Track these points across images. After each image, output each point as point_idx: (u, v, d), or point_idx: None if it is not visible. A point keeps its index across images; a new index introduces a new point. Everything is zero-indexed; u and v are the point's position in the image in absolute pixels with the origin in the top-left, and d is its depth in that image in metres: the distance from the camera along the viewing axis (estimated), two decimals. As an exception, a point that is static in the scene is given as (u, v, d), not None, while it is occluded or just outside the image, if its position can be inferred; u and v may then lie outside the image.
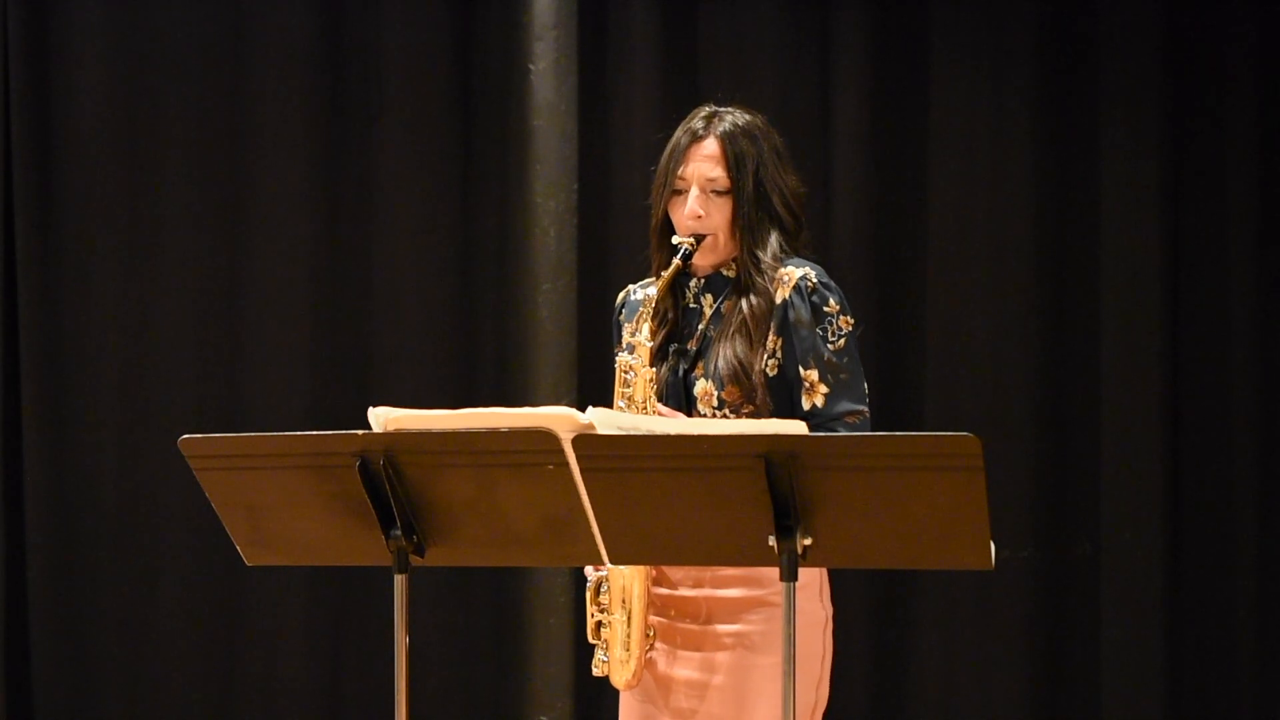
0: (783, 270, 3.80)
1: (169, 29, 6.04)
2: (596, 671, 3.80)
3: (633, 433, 3.32)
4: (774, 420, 3.56)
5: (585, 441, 3.23)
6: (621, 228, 6.08)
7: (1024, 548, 6.14)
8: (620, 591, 3.74)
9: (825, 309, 3.77)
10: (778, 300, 3.78)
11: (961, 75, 6.16)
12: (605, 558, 3.32)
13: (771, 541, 3.23)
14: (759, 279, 3.79)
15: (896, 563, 3.34)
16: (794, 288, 3.77)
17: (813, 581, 3.74)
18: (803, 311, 3.76)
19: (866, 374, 3.87)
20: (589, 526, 3.28)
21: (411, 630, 3.45)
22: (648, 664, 3.78)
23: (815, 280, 3.78)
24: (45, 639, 6.01)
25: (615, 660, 3.77)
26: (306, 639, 6.07)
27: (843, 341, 3.77)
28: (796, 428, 3.25)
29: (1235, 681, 6.16)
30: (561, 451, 3.23)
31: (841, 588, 6.06)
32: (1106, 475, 6.13)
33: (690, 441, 3.25)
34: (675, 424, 3.62)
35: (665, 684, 3.78)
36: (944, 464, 3.13)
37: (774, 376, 3.77)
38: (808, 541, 3.23)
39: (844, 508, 3.20)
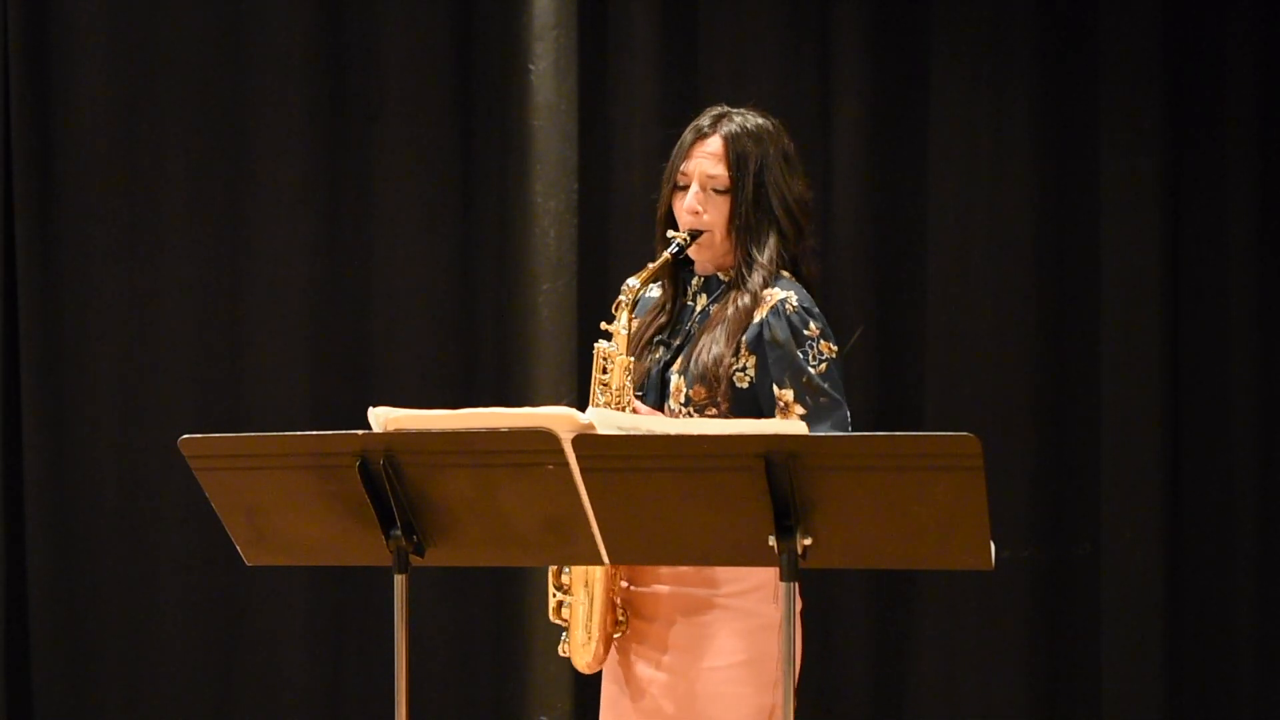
0: (767, 290, 3.80)
1: (169, 29, 6.04)
2: (561, 652, 3.83)
3: (633, 433, 3.32)
4: (774, 420, 3.56)
5: (585, 441, 3.23)
6: (621, 228, 6.09)
7: (1024, 548, 6.14)
8: (583, 574, 3.76)
9: (806, 332, 3.75)
10: (755, 318, 3.78)
11: (961, 75, 6.16)
12: (605, 558, 3.33)
13: (771, 541, 3.23)
14: (752, 277, 3.80)
15: (896, 563, 3.34)
16: (771, 308, 3.77)
17: (766, 584, 3.73)
18: (779, 331, 3.75)
19: (867, 374, 3.87)
20: (589, 526, 3.28)
21: (411, 630, 3.45)
22: (622, 659, 3.80)
23: (796, 304, 3.77)
24: (45, 639, 6.01)
25: (575, 642, 3.80)
26: (306, 639, 6.07)
27: (824, 366, 3.75)
28: (796, 428, 3.25)
29: (1235, 681, 6.16)
30: (561, 451, 3.23)
31: (841, 587, 6.11)
32: (1106, 475, 6.14)
33: (690, 441, 3.25)
34: (675, 424, 3.63)
35: (632, 681, 3.80)
36: (944, 464, 3.13)
37: (743, 389, 3.77)
38: (808, 541, 3.23)
39: (844, 508, 3.20)
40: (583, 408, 3.79)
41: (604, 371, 3.78)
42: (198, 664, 6.05)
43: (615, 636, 3.80)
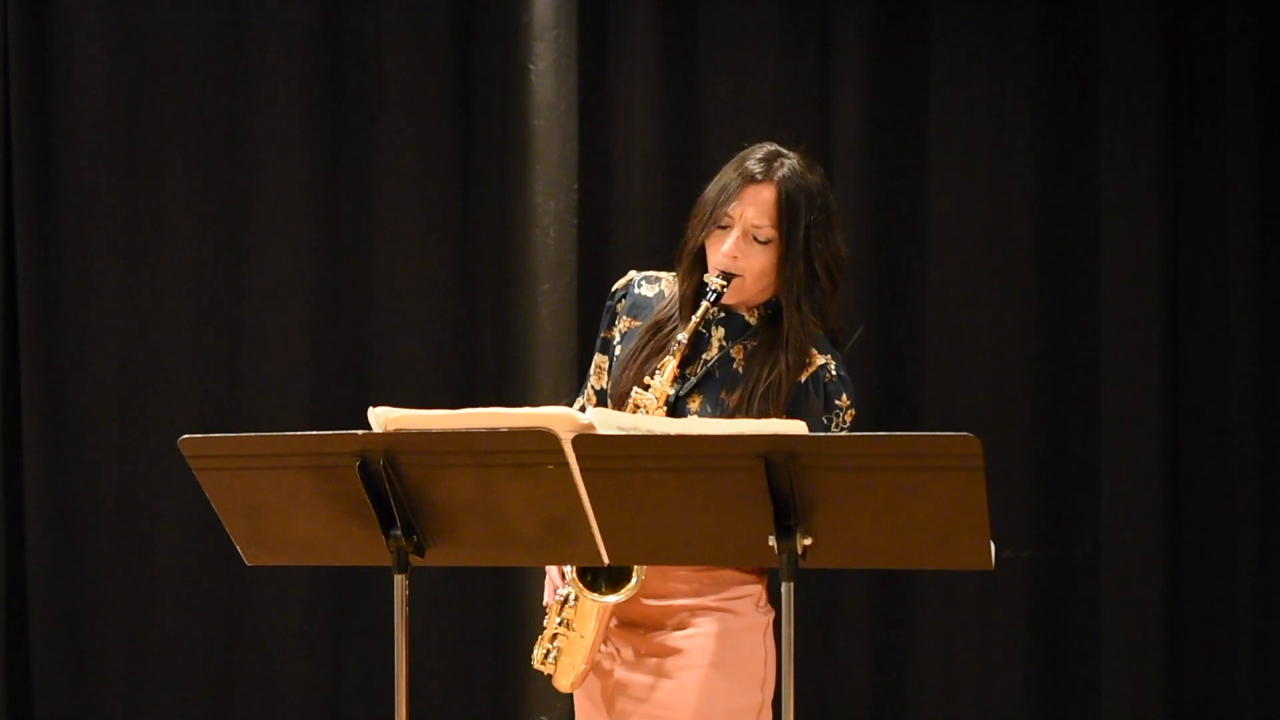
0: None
1: (169, 29, 6.04)
2: (538, 667, 3.82)
3: (633, 433, 3.32)
4: (774, 420, 3.56)
5: (585, 441, 3.23)
6: (621, 228, 6.09)
7: (1024, 548, 6.14)
8: (592, 616, 3.75)
9: (837, 402, 3.78)
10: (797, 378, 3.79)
11: (961, 75, 6.16)
12: (605, 558, 3.33)
13: (771, 541, 3.23)
14: (801, 337, 3.78)
15: (896, 563, 3.34)
16: (812, 374, 3.78)
17: (752, 593, 3.78)
18: (815, 401, 3.76)
19: (867, 374, 3.88)
20: (589, 526, 3.28)
21: (411, 630, 3.45)
22: (600, 669, 3.81)
23: (834, 373, 3.79)
24: (45, 639, 6.01)
25: (563, 666, 3.79)
26: (306, 639, 6.07)
27: (844, 434, 3.80)
28: (796, 428, 3.25)
29: (1235, 681, 6.16)
30: (561, 451, 3.23)
31: (842, 588, 6.11)
32: (1106, 475, 6.13)
33: (690, 441, 3.25)
34: (675, 424, 3.62)
35: (618, 688, 3.80)
36: (944, 464, 3.13)
37: None
38: (808, 541, 3.23)
39: (844, 508, 3.21)
40: (583, 408, 3.79)
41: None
42: (198, 664, 6.05)
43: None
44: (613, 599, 3.71)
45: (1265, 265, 6.15)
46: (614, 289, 4.00)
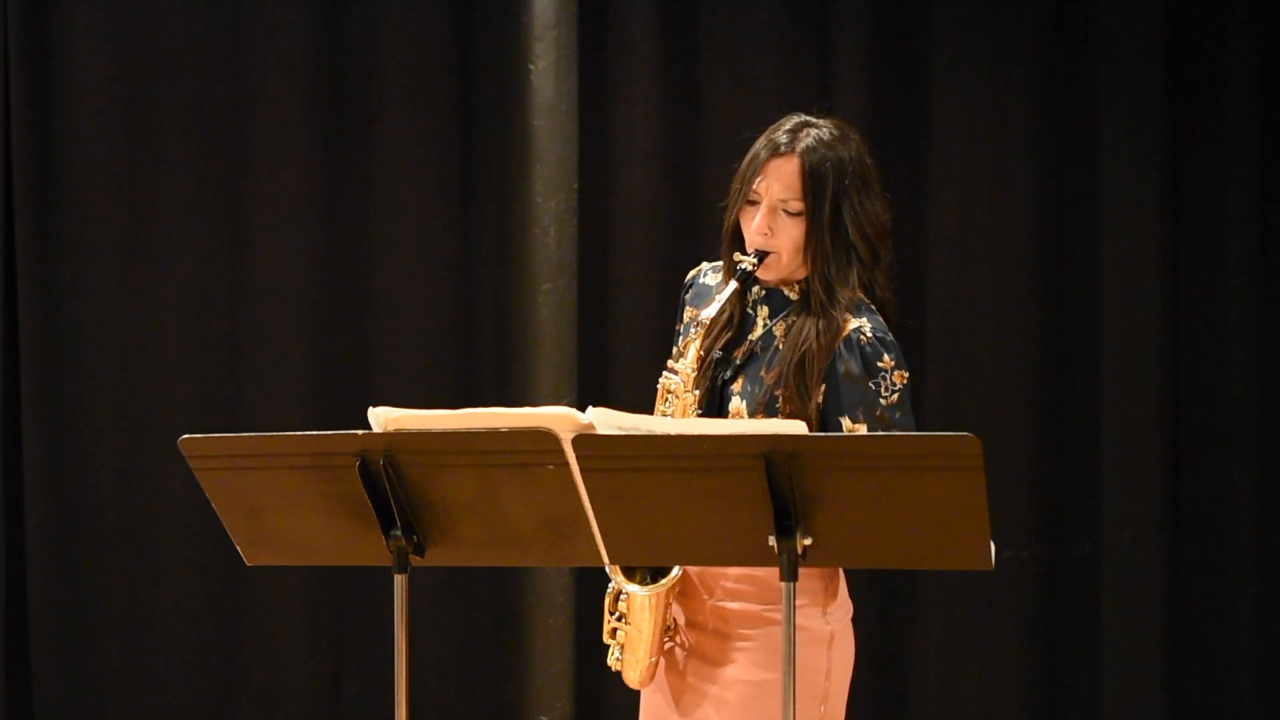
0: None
1: (169, 29, 6.04)
2: (612, 667, 3.78)
3: (633, 433, 3.32)
4: (774, 420, 3.54)
5: (585, 441, 3.23)
6: (621, 228, 6.09)
7: (1024, 548, 6.14)
8: (645, 609, 3.70)
9: (880, 364, 3.63)
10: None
11: (962, 74, 6.16)
12: (605, 558, 3.32)
13: (771, 541, 3.22)
14: (835, 310, 3.67)
15: (896, 563, 3.33)
16: (845, 339, 3.64)
17: (814, 600, 3.69)
18: (852, 365, 3.63)
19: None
20: (589, 526, 3.28)
21: (411, 630, 3.45)
22: (669, 665, 3.77)
23: (870, 334, 3.65)
24: (45, 639, 6.01)
25: (628, 662, 3.75)
26: (306, 639, 6.07)
27: (896, 396, 3.64)
28: (796, 428, 3.25)
29: (1235, 681, 6.16)
30: (561, 451, 3.23)
31: (841, 588, 6.11)
32: (1106, 475, 6.14)
33: (690, 441, 3.25)
34: (675, 424, 3.61)
35: (679, 688, 3.76)
36: (944, 464, 3.13)
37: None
38: (808, 541, 3.23)
39: (844, 508, 3.20)
40: (583, 408, 3.78)
41: (666, 402, 3.72)
42: (198, 664, 6.05)
43: (665, 646, 3.76)
44: (636, 589, 3.66)
45: (1265, 265, 6.15)
46: (685, 280, 3.95)
